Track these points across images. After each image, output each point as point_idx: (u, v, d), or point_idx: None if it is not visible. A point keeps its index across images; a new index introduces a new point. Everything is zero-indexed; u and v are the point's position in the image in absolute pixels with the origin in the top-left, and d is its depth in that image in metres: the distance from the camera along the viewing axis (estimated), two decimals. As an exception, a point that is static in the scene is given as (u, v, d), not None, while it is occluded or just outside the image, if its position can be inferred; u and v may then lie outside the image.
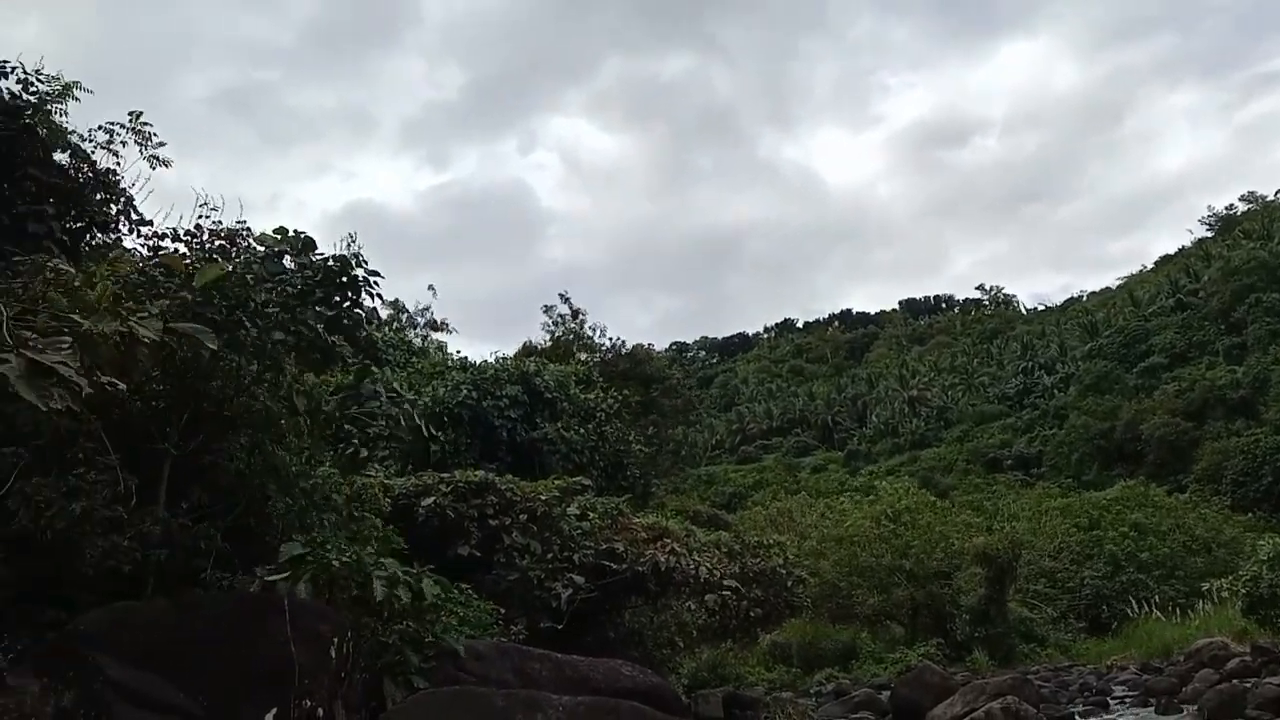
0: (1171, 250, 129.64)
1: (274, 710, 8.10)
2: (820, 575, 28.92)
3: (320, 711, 8.35)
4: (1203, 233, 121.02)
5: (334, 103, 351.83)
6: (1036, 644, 31.86)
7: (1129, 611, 32.91)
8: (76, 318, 4.84)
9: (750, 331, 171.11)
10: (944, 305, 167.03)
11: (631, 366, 40.46)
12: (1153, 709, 19.07)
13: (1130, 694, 21.79)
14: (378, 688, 9.83)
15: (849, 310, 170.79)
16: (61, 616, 9.17)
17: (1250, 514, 47.64)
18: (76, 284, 5.08)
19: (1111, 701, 21.06)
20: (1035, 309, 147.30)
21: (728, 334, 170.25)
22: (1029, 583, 35.53)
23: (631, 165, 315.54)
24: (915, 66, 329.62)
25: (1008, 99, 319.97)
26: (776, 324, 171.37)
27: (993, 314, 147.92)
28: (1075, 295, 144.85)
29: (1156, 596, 33.11)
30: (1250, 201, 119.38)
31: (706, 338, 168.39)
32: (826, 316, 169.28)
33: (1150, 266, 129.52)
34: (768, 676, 27.05)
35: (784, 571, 19.04)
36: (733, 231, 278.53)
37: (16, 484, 9.41)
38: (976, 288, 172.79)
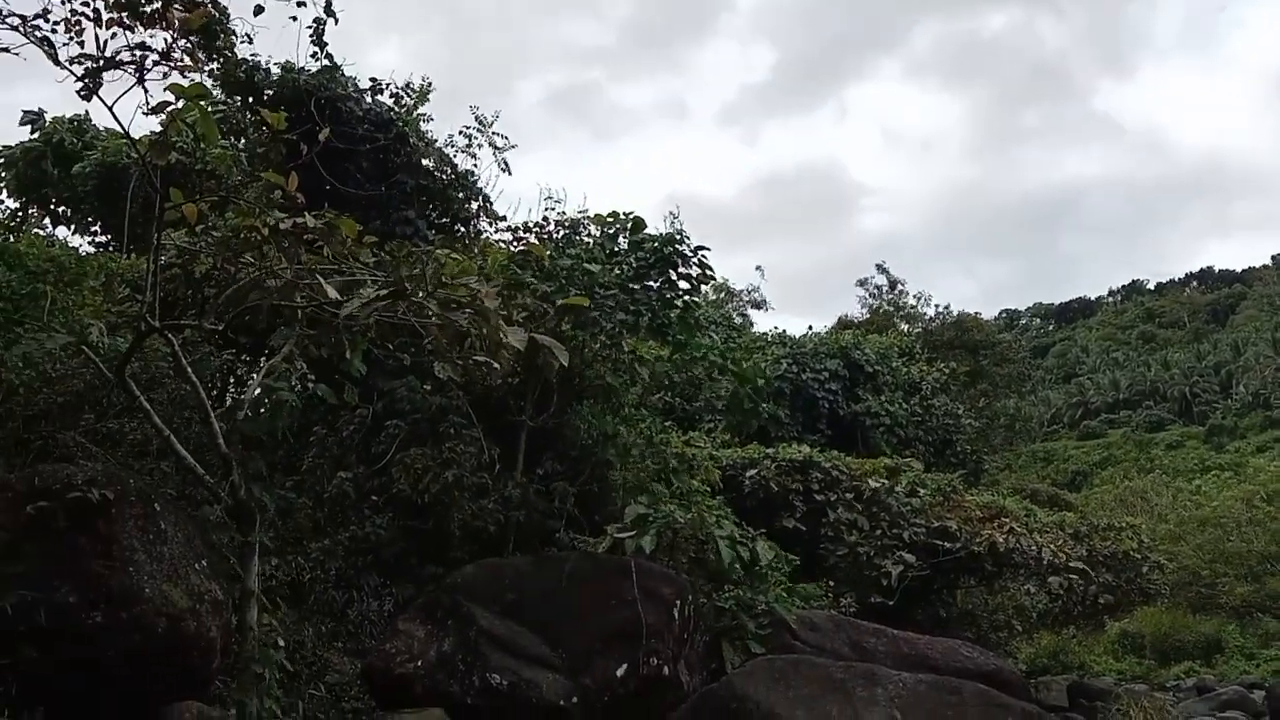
0: None
1: (624, 666, 8.67)
2: (1179, 561, 26.49)
3: (666, 670, 8.81)
4: None
5: (653, 95, 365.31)
6: None
7: None
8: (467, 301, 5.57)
9: (1091, 296, 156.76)
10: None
11: (957, 335, 38.59)
12: None
13: None
14: (717, 650, 10.26)
15: (1209, 268, 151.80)
16: (439, 571, 10.38)
17: None
18: (459, 273, 5.78)
19: None
20: None
21: (1065, 299, 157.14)
22: None
23: (950, 129, 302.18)
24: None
25: None
26: (1122, 286, 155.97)
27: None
28: None
29: None
30: None
31: (1040, 304, 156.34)
32: (1182, 276, 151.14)
33: None
34: (1116, 667, 25.12)
35: (1137, 556, 17.69)
36: (1065, 191, 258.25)
37: (397, 454, 10.80)
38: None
